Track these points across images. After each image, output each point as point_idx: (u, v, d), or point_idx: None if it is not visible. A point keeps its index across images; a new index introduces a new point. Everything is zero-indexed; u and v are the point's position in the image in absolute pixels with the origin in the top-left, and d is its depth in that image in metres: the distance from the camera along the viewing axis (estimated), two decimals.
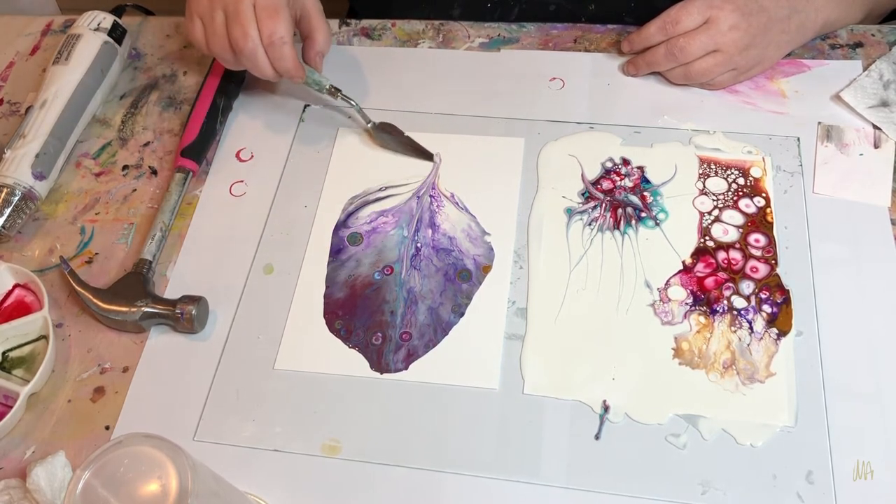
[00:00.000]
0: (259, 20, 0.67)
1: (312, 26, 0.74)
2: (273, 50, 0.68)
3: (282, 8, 0.68)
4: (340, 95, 0.74)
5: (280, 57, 0.68)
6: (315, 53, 0.74)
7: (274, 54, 0.68)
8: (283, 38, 0.68)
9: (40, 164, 0.72)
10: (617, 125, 0.74)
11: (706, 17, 0.70)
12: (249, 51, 0.68)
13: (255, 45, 0.68)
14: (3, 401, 0.63)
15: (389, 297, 0.66)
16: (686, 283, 0.65)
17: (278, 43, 0.68)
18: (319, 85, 0.74)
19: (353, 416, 0.61)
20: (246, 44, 0.67)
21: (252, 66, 0.69)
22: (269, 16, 0.67)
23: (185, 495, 0.41)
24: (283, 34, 0.67)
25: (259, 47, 0.68)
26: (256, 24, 0.67)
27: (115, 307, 0.65)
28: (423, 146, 0.74)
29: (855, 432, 0.57)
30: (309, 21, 0.73)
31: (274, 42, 0.67)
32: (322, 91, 0.74)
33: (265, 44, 0.68)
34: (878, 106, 0.72)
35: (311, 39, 0.74)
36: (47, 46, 0.88)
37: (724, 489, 0.56)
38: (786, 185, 0.69)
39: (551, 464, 0.57)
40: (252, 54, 0.68)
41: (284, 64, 0.69)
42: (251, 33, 0.67)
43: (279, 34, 0.67)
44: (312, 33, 0.74)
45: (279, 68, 0.70)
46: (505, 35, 0.82)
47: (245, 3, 0.67)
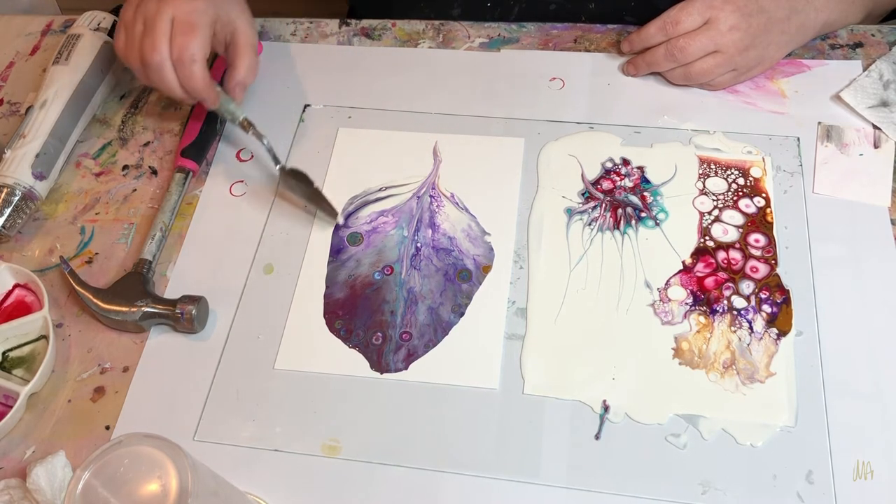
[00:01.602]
0: (173, 35, 0.65)
1: (237, 54, 0.71)
2: (181, 67, 0.66)
3: (200, 26, 0.66)
4: (252, 131, 0.71)
5: (188, 76, 0.66)
6: (235, 83, 0.71)
7: (182, 72, 0.66)
8: (193, 56, 0.65)
9: (40, 164, 0.72)
10: (617, 125, 0.74)
11: (706, 18, 0.70)
12: (156, 64, 0.65)
13: (163, 60, 0.65)
14: (3, 401, 0.63)
15: (389, 297, 0.66)
16: (686, 283, 0.65)
17: (187, 60, 0.65)
18: (232, 115, 0.71)
19: (353, 416, 0.61)
20: (153, 57, 0.65)
21: (159, 81, 0.67)
22: (184, 32, 0.65)
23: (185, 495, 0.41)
24: (195, 52, 0.65)
25: (167, 62, 0.66)
26: (170, 39, 0.65)
27: (115, 307, 0.65)
28: (329, 202, 0.69)
29: (855, 432, 0.57)
30: (235, 48, 0.71)
31: (183, 59, 0.65)
32: (234, 122, 0.71)
33: (174, 60, 0.66)
34: (878, 106, 0.72)
35: (232, 68, 0.71)
36: (47, 46, 0.88)
37: (724, 489, 0.56)
38: (786, 185, 0.69)
39: (551, 464, 0.57)
40: (158, 68, 0.66)
41: (193, 83, 0.67)
42: (160, 47, 0.65)
43: (190, 52, 0.65)
44: (235, 61, 0.71)
45: (187, 88, 0.67)
46: (505, 35, 0.82)
47: (163, 16, 0.65)
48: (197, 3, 0.67)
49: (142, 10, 0.67)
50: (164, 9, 0.66)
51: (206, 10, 0.67)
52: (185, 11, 0.66)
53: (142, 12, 0.67)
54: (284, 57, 0.83)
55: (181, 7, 0.66)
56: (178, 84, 0.67)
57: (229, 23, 0.70)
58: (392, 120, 0.77)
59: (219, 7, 0.68)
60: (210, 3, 0.68)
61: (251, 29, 0.72)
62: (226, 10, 0.69)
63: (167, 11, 0.66)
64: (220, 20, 0.69)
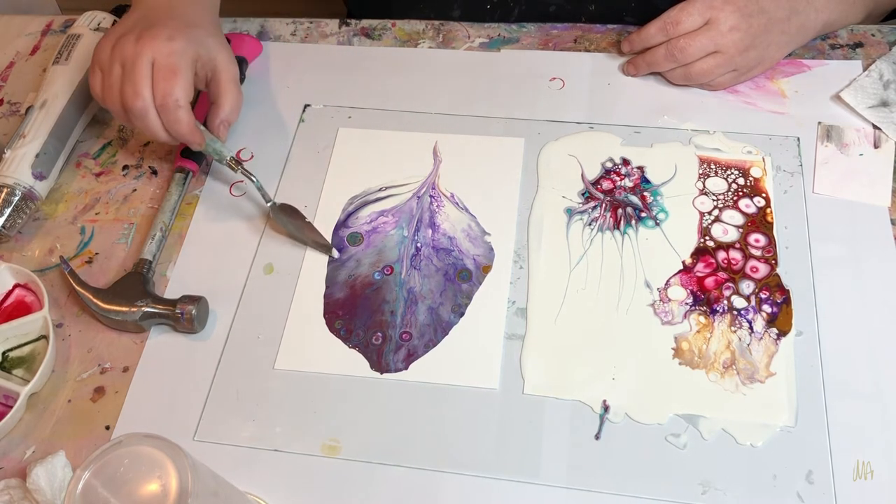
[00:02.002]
0: (155, 80, 0.64)
1: (220, 91, 0.69)
2: (166, 113, 0.64)
3: (181, 69, 0.64)
4: (241, 170, 0.69)
5: (174, 121, 0.65)
6: (219, 122, 0.69)
7: (167, 118, 0.65)
8: (177, 101, 0.64)
9: (40, 164, 0.72)
10: (617, 125, 0.74)
11: (706, 19, 0.70)
12: (139, 111, 0.64)
13: (146, 106, 0.64)
14: (3, 401, 0.63)
15: (389, 297, 0.66)
16: (686, 283, 0.65)
17: (172, 106, 0.64)
18: (219, 155, 0.69)
19: (353, 416, 0.61)
20: (135, 103, 0.64)
21: (143, 127, 0.66)
22: (166, 76, 0.63)
23: (185, 495, 0.41)
24: (178, 97, 0.64)
25: (150, 109, 0.64)
26: (152, 83, 0.64)
27: (115, 307, 0.65)
28: (323, 237, 0.69)
29: (855, 432, 0.57)
30: (217, 85, 0.69)
31: (167, 105, 0.64)
32: (222, 162, 0.70)
33: (158, 105, 0.64)
34: (878, 106, 0.72)
35: (216, 106, 0.69)
36: (47, 46, 0.88)
37: (724, 489, 0.56)
38: (786, 185, 0.69)
39: (551, 464, 0.57)
40: (143, 115, 0.64)
41: (178, 129, 0.65)
42: (143, 93, 0.63)
43: (174, 97, 0.63)
44: (219, 99, 0.69)
45: (173, 132, 0.66)
46: (505, 35, 0.82)
47: (142, 60, 0.63)
48: (176, 43, 0.64)
49: (118, 51, 0.65)
50: (142, 51, 0.64)
51: (185, 51, 0.65)
52: (165, 54, 0.64)
53: (118, 54, 0.65)
54: (284, 57, 0.83)
55: (160, 49, 0.64)
56: (163, 128, 0.66)
57: (209, 60, 0.68)
58: (392, 120, 0.77)
59: (198, 45, 0.66)
60: (188, 42, 0.65)
61: (232, 64, 0.70)
62: (205, 46, 0.67)
63: (146, 54, 0.63)
64: (201, 59, 0.67)
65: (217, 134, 0.70)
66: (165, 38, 0.64)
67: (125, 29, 0.67)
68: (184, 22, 0.67)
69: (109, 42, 0.66)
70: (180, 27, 0.66)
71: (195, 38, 0.66)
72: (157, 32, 0.65)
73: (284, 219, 0.69)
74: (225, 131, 0.70)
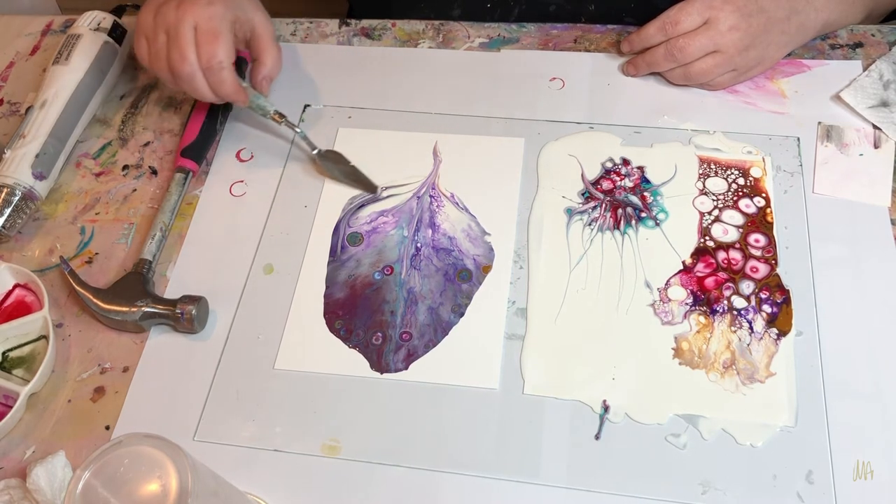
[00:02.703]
0: (198, 44, 0.66)
1: (261, 49, 0.73)
2: (211, 74, 0.67)
3: (222, 32, 0.67)
4: (285, 122, 0.73)
5: (219, 82, 0.68)
6: (262, 78, 0.73)
7: (212, 79, 0.68)
8: (221, 62, 0.67)
9: (40, 164, 0.72)
10: (617, 125, 0.74)
11: (706, 18, 0.70)
12: (187, 75, 0.67)
13: (193, 70, 0.67)
14: (3, 401, 0.63)
15: (389, 297, 0.66)
16: (686, 283, 0.65)
17: (216, 68, 0.67)
18: (263, 110, 0.73)
19: (353, 416, 0.61)
20: (183, 67, 0.67)
21: (190, 89, 0.69)
22: (209, 40, 0.66)
23: (185, 495, 0.41)
24: (222, 59, 0.67)
25: (197, 71, 0.67)
26: (196, 47, 0.67)
27: (115, 307, 0.65)
28: (367, 177, 0.72)
29: (855, 432, 0.57)
30: (258, 43, 0.73)
31: (212, 67, 0.67)
32: (266, 116, 0.73)
33: (203, 68, 0.67)
34: (878, 106, 0.72)
35: (258, 63, 0.73)
36: (47, 46, 0.88)
37: (724, 489, 0.56)
38: (786, 185, 0.69)
39: (551, 464, 0.57)
40: (190, 78, 0.67)
41: (224, 89, 0.69)
42: (189, 57, 0.66)
43: (217, 59, 0.67)
44: (260, 56, 0.73)
45: (218, 93, 0.69)
46: (505, 35, 0.82)
47: (185, 25, 0.66)
48: (215, 7, 0.67)
49: (161, 19, 0.68)
50: (184, 17, 0.66)
51: (224, 15, 0.68)
52: (206, 18, 0.67)
53: (161, 22, 0.67)
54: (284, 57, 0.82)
55: (201, 14, 0.67)
56: (209, 89, 0.69)
57: (247, 21, 0.71)
58: (392, 120, 0.77)
59: (235, 7, 0.69)
60: (227, 5, 0.68)
61: (269, 22, 0.73)
62: (242, 8, 0.71)
63: (188, 20, 0.66)
64: (239, 20, 0.70)
65: (260, 90, 0.73)
66: (205, 4, 0.67)
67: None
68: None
69: (150, 11, 0.69)
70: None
71: (232, 2, 0.69)
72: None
73: (330, 164, 0.73)
74: (267, 87, 0.74)
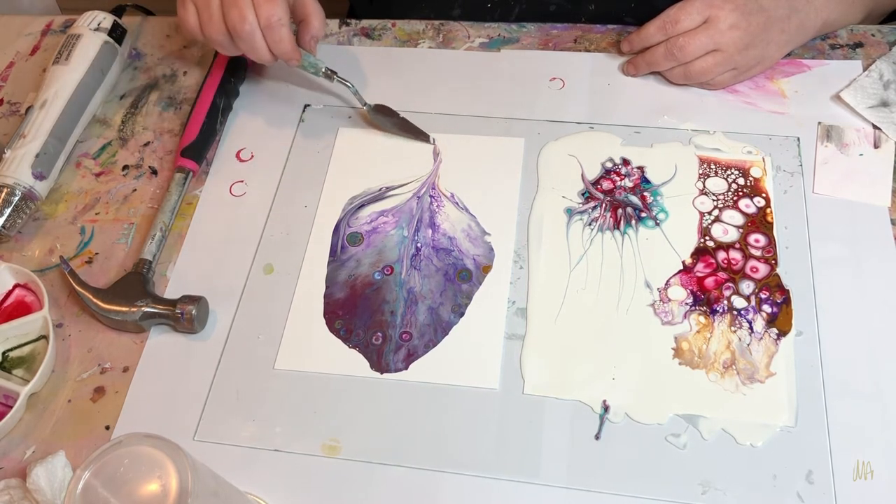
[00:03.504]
0: (256, 4, 0.68)
1: (307, 10, 0.74)
2: (271, 33, 0.69)
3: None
4: (337, 78, 0.75)
5: (278, 39, 0.69)
6: (310, 37, 0.74)
7: (272, 37, 0.69)
8: (280, 20, 0.68)
9: (40, 164, 0.72)
10: (617, 125, 0.74)
11: (706, 17, 0.70)
12: (248, 34, 0.68)
13: (253, 29, 0.68)
14: (3, 401, 0.63)
15: (389, 297, 0.66)
16: (686, 283, 0.65)
17: (276, 25, 0.68)
18: (315, 67, 0.74)
19: (353, 416, 0.61)
20: (244, 27, 0.68)
21: (249, 49, 0.70)
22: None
23: (185, 495, 0.41)
24: (281, 16, 0.68)
25: (257, 30, 0.68)
26: (254, 7, 0.68)
27: (115, 307, 0.65)
28: (418, 127, 0.75)
29: (855, 432, 0.57)
30: (304, 6, 0.74)
31: (272, 24, 0.68)
32: (318, 74, 0.75)
33: (263, 26, 0.68)
34: (878, 106, 0.72)
35: (305, 23, 0.74)
36: (47, 46, 0.88)
37: (724, 489, 0.56)
38: (786, 185, 0.69)
39: (551, 464, 0.57)
40: (250, 37, 0.68)
41: (282, 46, 0.70)
42: (249, 17, 0.67)
43: (277, 16, 0.68)
44: (308, 17, 0.74)
45: (276, 51, 0.70)
46: (505, 35, 0.82)
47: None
48: None
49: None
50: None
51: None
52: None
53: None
54: None
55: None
56: (268, 49, 0.70)
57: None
58: None
59: None
60: None
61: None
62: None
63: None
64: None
65: (309, 49, 0.74)
66: None
67: None
68: None
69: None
70: None
71: None
72: None
73: (381, 118, 0.76)
74: (315, 46, 0.75)
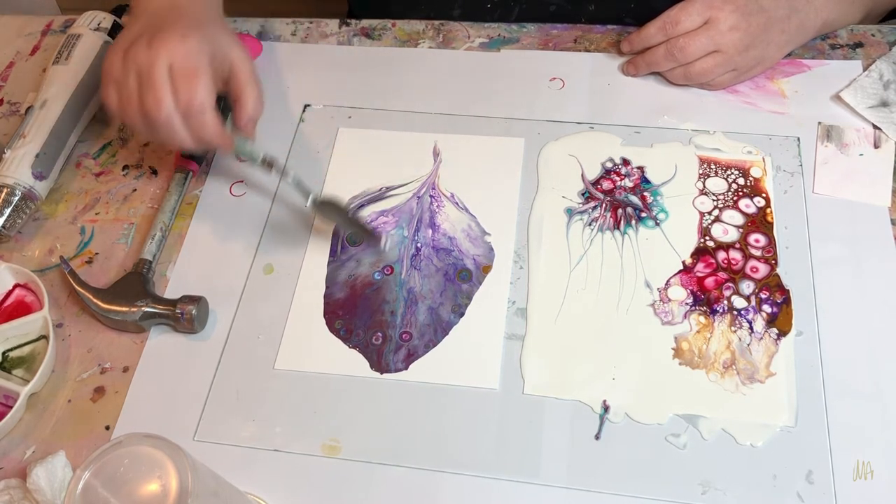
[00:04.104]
0: (175, 85, 0.60)
1: (241, 88, 0.64)
2: (191, 119, 0.60)
3: (201, 70, 0.60)
4: (275, 169, 0.66)
5: (200, 126, 0.61)
6: (247, 119, 0.65)
7: (193, 123, 0.61)
8: (202, 104, 0.60)
9: (40, 164, 0.72)
10: (617, 125, 0.74)
11: (706, 18, 0.70)
12: (164, 121, 0.60)
13: (170, 114, 0.60)
14: (3, 401, 0.63)
15: (389, 297, 0.66)
16: (686, 283, 0.65)
17: (197, 111, 0.60)
18: (251, 156, 0.66)
19: (353, 416, 0.61)
20: (160, 114, 0.59)
21: (169, 137, 0.62)
22: (187, 80, 0.59)
23: (185, 495, 0.41)
24: (203, 100, 0.60)
25: (174, 116, 0.60)
26: (172, 89, 0.60)
27: (115, 307, 0.65)
28: (368, 226, 0.67)
29: (855, 432, 0.57)
30: (237, 82, 0.64)
31: (192, 110, 0.60)
32: (255, 163, 0.66)
33: (182, 112, 0.60)
34: (878, 106, 0.72)
35: (239, 103, 0.65)
36: (47, 46, 0.88)
37: (724, 489, 0.56)
38: (786, 185, 0.69)
39: (551, 464, 0.57)
40: (167, 124, 0.60)
41: (206, 134, 0.62)
42: (165, 101, 0.59)
43: (198, 100, 0.59)
44: (241, 97, 0.65)
45: (199, 138, 0.62)
46: (505, 35, 0.82)
47: (159, 65, 0.59)
48: (191, 42, 0.61)
49: (131, 60, 0.61)
50: (157, 56, 0.60)
51: (202, 49, 0.61)
52: (182, 55, 0.60)
53: (132, 63, 0.61)
54: (284, 57, 0.83)
55: (176, 51, 0.60)
56: (190, 136, 0.62)
57: (225, 57, 0.64)
58: (392, 120, 0.77)
59: (212, 42, 0.63)
60: (203, 40, 0.62)
61: (248, 59, 0.66)
62: (219, 43, 0.64)
63: (161, 58, 0.60)
64: (217, 57, 0.63)
65: (246, 133, 0.66)
66: (179, 38, 0.60)
67: (133, 37, 0.63)
68: (193, 21, 0.64)
69: (118, 52, 0.62)
70: (191, 26, 0.62)
71: (208, 36, 0.63)
72: (169, 34, 0.61)
73: (327, 212, 0.67)
74: (253, 129, 0.66)
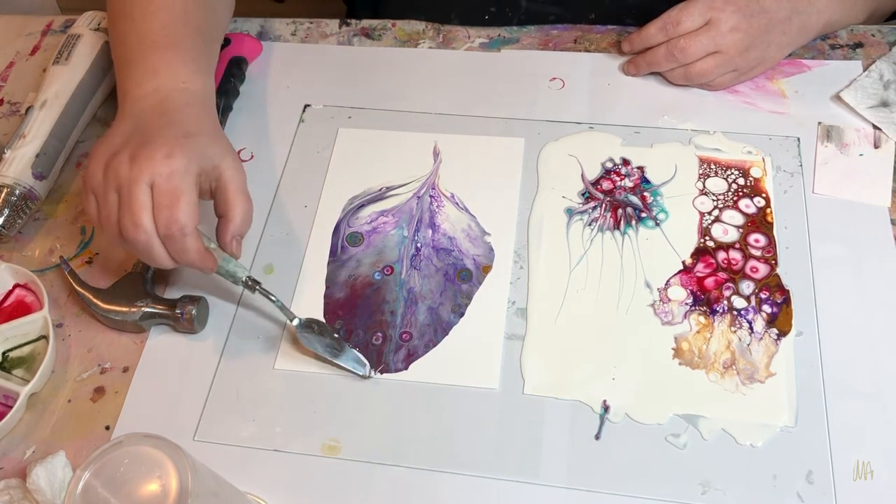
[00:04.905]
0: (156, 207, 0.56)
1: (229, 203, 0.60)
2: (172, 242, 0.57)
3: (184, 191, 0.57)
4: (259, 290, 0.62)
5: (181, 250, 0.58)
6: (231, 237, 0.61)
7: (173, 247, 0.57)
8: (182, 228, 0.56)
9: (40, 164, 0.72)
10: (617, 125, 0.74)
11: (707, 19, 0.70)
12: (143, 244, 0.57)
13: (149, 238, 0.57)
14: (3, 401, 0.63)
15: (389, 297, 0.66)
16: (686, 283, 0.65)
17: (177, 235, 0.56)
18: (233, 277, 0.62)
19: (353, 416, 0.61)
20: (137, 236, 0.56)
21: (147, 259, 0.59)
22: (168, 202, 0.56)
23: (185, 495, 0.41)
24: (184, 223, 0.56)
25: (154, 239, 0.57)
26: (152, 211, 0.56)
27: (115, 307, 0.65)
28: (355, 351, 0.63)
29: (855, 432, 0.57)
30: (225, 197, 0.60)
31: (172, 234, 0.56)
32: (237, 283, 0.63)
33: (161, 235, 0.57)
34: (878, 106, 0.72)
35: (225, 219, 0.61)
36: (47, 46, 0.88)
37: (724, 489, 0.56)
38: (786, 185, 0.69)
39: (551, 464, 0.57)
40: (146, 247, 0.57)
41: (186, 257, 0.58)
42: (144, 224, 0.56)
43: (179, 224, 0.56)
44: (228, 212, 0.61)
45: (180, 261, 0.59)
46: (505, 35, 0.82)
47: (140, 185, 0.56)
48: (175, 161, 0.57)
49: (112, 175, 0.57)
50: (139, 175, 0.56)
51: (187, 169, 0.57)
52: (165, 176, 0.56)
53: (113, 178, 0.57)
54: (284, 57, 0.83)
55: (159, 170, 0.56)
56: (169, 257, 0.59)
57: (213, 170, 0.60)
58: (392, 120, 0.77)
59: (200, 157, 0.59)
60: (190, 157, 0.58)
61: (239, 171, 0.61)
62: (208, 157, 0.60)
63: (143, 178, 0.56)
64: (205, 171, 0.59)
65: (230, 251, 0.62)
66: (163, 157, 0.57)
67: (117, 145, 0.59)
68: (182, 131, 0.60)
69: (99, 163, 0.59)
70: (178, 139, 0.59)
71: (197, 151, 0.59)
72: (154, 150, 0.57)
73: (311, 336, 0.63)
74: (238, 247, 0.62)
